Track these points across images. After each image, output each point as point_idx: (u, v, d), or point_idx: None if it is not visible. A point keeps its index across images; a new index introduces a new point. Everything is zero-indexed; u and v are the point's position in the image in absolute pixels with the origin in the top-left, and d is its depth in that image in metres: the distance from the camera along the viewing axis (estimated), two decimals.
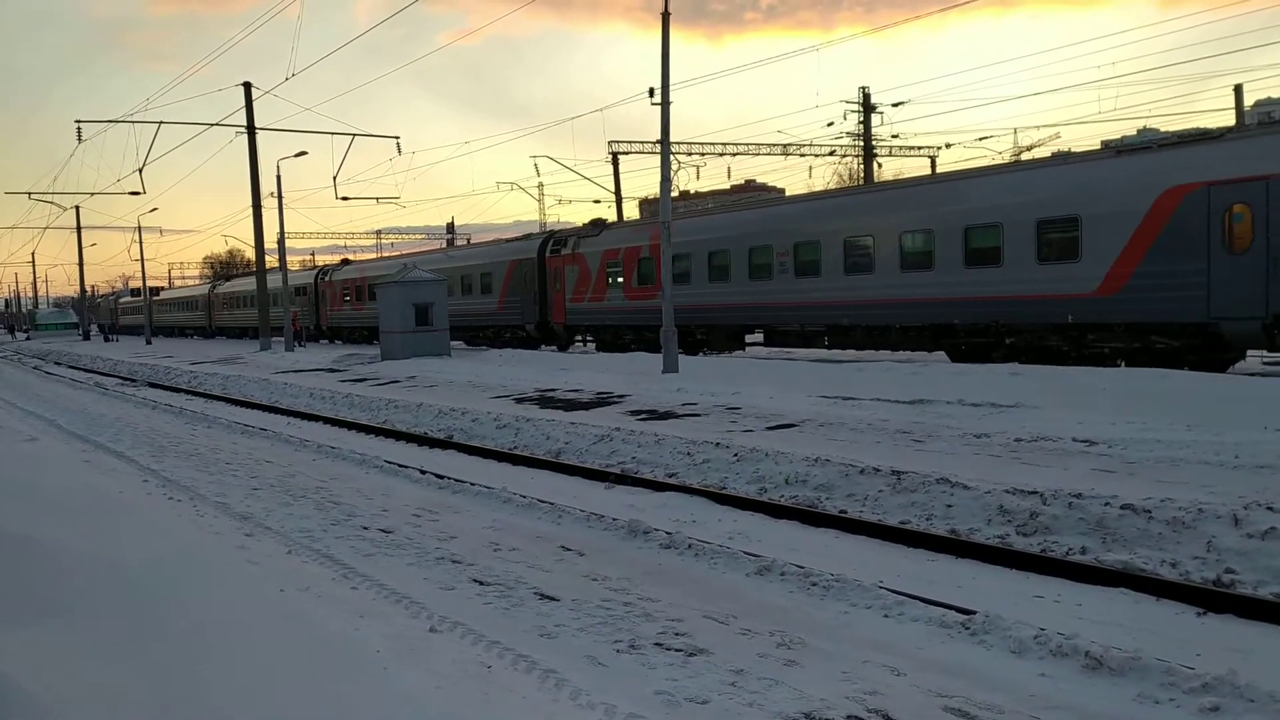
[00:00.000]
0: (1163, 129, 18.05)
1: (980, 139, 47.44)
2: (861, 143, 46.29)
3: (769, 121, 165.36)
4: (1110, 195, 16.65)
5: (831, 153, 49.09)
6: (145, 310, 65.18)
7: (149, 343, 55.94)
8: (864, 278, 21.02)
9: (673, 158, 23.06)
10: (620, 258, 28.70)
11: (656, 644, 5.31)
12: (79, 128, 36.62)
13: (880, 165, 48.75)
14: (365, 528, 8.41)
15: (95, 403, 22.41)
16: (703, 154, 48.65)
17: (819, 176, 56.95)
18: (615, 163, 47.31)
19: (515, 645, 5.16)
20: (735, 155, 49.92)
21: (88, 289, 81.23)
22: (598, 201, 53.65)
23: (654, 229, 27.94)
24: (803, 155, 49.83)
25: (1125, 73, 53.10)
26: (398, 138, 37.50)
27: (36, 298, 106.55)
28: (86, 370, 36.77)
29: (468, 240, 66.71)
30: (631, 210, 60.52)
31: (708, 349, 25.23)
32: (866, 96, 45.33)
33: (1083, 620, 5.43)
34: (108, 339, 69.11)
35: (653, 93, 19.60)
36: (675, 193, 26.78)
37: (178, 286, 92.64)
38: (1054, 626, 5.14)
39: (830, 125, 46.34)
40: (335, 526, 8.50)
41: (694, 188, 58.45)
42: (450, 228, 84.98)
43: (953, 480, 8.01)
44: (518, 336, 34.09)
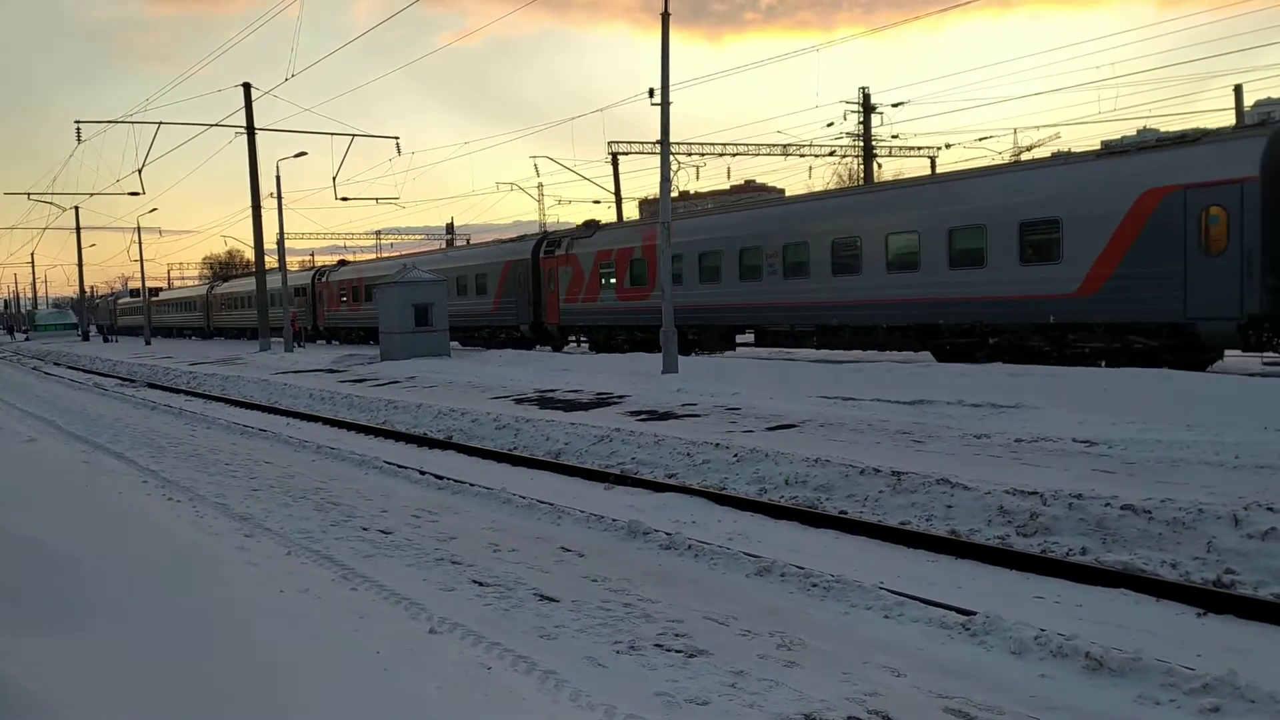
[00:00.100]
0: (1162, 129, 18.06)
1: (980, 139, 47.50)
2: (861, 143, 46.31)
3: (769, 122, 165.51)
4: (1090, 198, 16.85)
5: (831, 153, 49.12)
6: (144, 311, 65.19)
7: (148, 343, 55.95)
8: (851, 279, 21.22)
9: (672, 158, 23.07)
10: (613, 259, 28.79)
11: (656, 645, 5.31)
12: (78, 128, 36.67)
13: (880, 166, 48.82)
14: (365, 529, 8.41)
15: (94, 403, 22.41)
16: (703, 154, 48.68)
17: (819, 177, 57.05)
18: (615, 163, 47.36)
19: (515, 646, 5.15)
20: (735, 156, 49.92)
21: (87, 290, 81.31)
22: (597, 202, 53.73)
23: (645, 230, 28.39)
24: (803, 156, 49.84)
25: (1125, 73, 53.11)
26: (397, 138, 37.57)
27: (36, 298, 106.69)
28: (86, 371, 36.78)
29: (467, 241, 66.75)
30: (631, 210, 60.60)
31: (699, 349, 25.34)
32: (866, 97, 45.36)
33: (1083, 621, 5.43)
34: (107, 340, 69.11)
35: (652, 93, 19.61)
36: (675, 193, 26.85)
37: (176, 287, 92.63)
38: (1054, 627, 5.14)
39: (830, 125, 46.43)
40: (335, 527, 8.49)
41: (694, 188, 58.49)
42: (450, 228, 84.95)
43: (953, 481, 8.01)
44: (512, 337, 34.16)
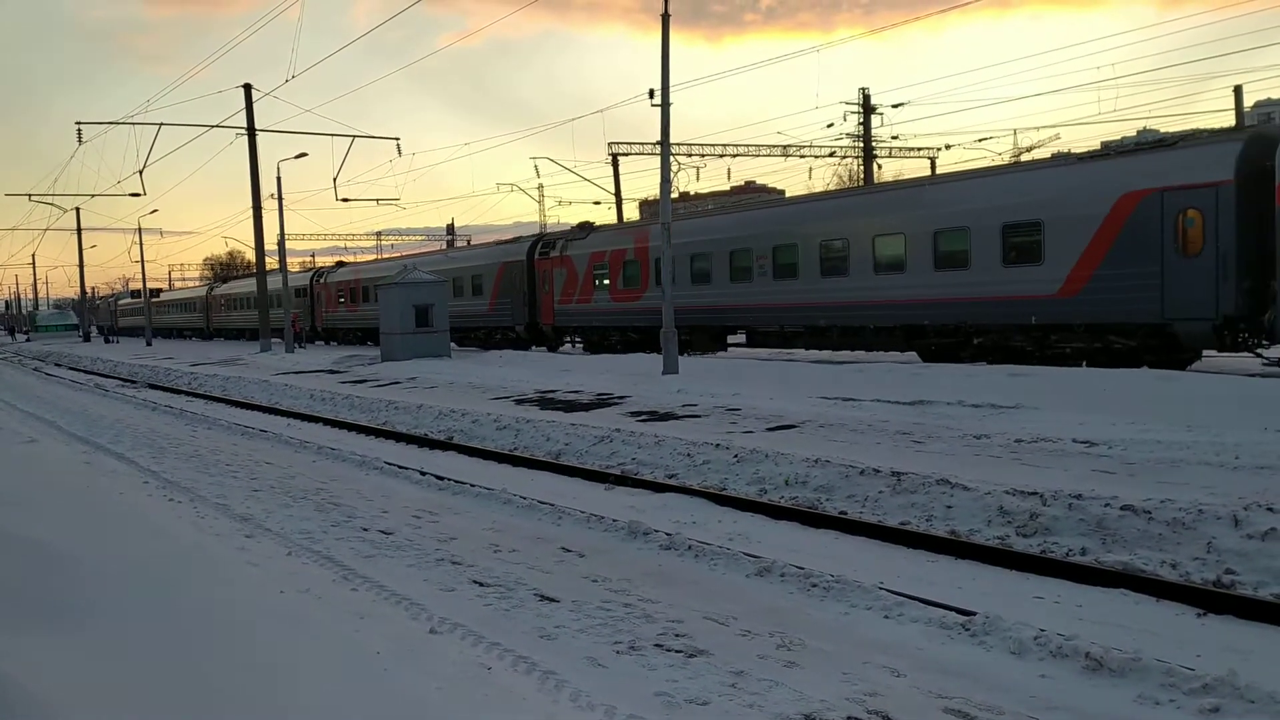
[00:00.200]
0: (1162, 130, 18.16)
1: (980, 140, 47.53)
2: (861, 144, 46.29)
3: (769, 123, 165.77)
4: (1071, 200, 17.14)
5: (831, 154, 49.08)
6: (145, 312, 65.22)
7: (149, 344, 55.94)
8: (839, 280, 21.52)
9: (673, 159, 23.10)
10: (606, 260, 28.98)
11: (656, 645, 5.31)
12: (79, 129, 36.75)
13: (880, 166, 48.77)
14: (365, 529, 8.41)
15: (95, 404, 22.41)
16: (703, 155, 48.65)
17: (819, 178, 57.01)
18: (615, 164, 47.34)
19: (515, 646, 5.16)
20: (735, 156, 49.89)
21: (88, 291, 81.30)
22: (598, 203, 53.55)
23: (637, 232, 28.80)
24: (803, 156, 49.82)
25: (1125, 74, 52.99)
26: (398, 139, 37.56)
27: (37, 299, 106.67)
28: (87, 372, 36.79)
29: (468, 241, 66.77)
30: (632, 211, 60.59)
31: (691, 349, 25.56)
32: (866, 98, 45.34)
33: (1083, 621, 5.43)
34: (108, 341, 69.12)
35: (653, 94, 19.68)
36: (675, 194, 26.84)
37: (177, 289, 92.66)
38: (1054, 627, 5.14)
39: (830, 126, 46.31)
40: (335, 528, 8.49)
41: (694, 189, 58.42)
42: (450, 229, 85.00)
43: (953, 481, 8.02)
44: (508, 338, 34.31)
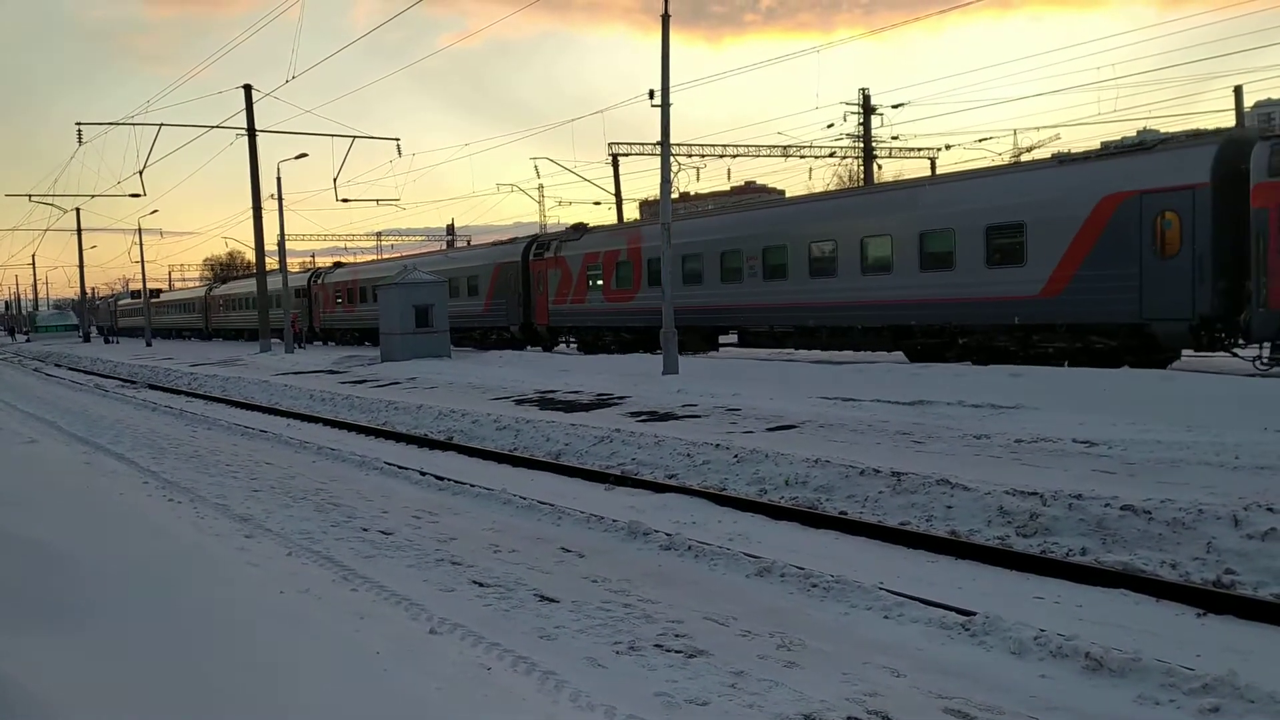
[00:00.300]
0: (1163, 130, 18.24)
1: (980, 140, 47.52)
2: (861, 144, 46.27)
3: (769, 123, 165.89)
4: (1052, 202, 17.44)
5: (832, 154, 49.06)
6: (145, 312, 65.22)
7: (149, 345, 55.94)
8: (828, 281, 21.79)
9: (673, 159, 23.11)
10: (600, 261, 29.20)
11: (656, 645, 5.31)
12: (79, 130, 36.78)
13: (880, 167, 48.74)
14: (365, 529, 8.41)
15: (95, 405, 22.41)
16: (703, 155, 48.66)
17: (819, 178, 57.00)
18: (615, 164, 47.33)
19: (515, 647, 5.16)
20: (735, 157, 49.91)
21: (88, 291, 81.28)
22: (598, 203, 53.52)
23: (630, 233, 29.11)
24: (803, 157, 49.81)
25: (1125, 74, 53.09)
26: (398, 140, 37.56)
27: (37, 300, 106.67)
28: (87, 372, 36.79)
29: (468, 242, 66.78)
30: (632, 211, 60.57)
31: (684, 349, 25.65)
32: (866, 98, 45.32)
33: (1083, 621, 5.43)
34: (108, 341, 69.11)
35: (653, 94, 19.63)
36: (675, 194, 26.84)
37: (176, 289, 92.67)
38: (1054, 627, 5.14)
39: (830, 127, 46.24)
40: (335, 528, 8.49)
41: (694, 189, 58.44)
42: (450, 229, 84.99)
43: (953, 481, 8.01)
44: (503, 338, 34.48)
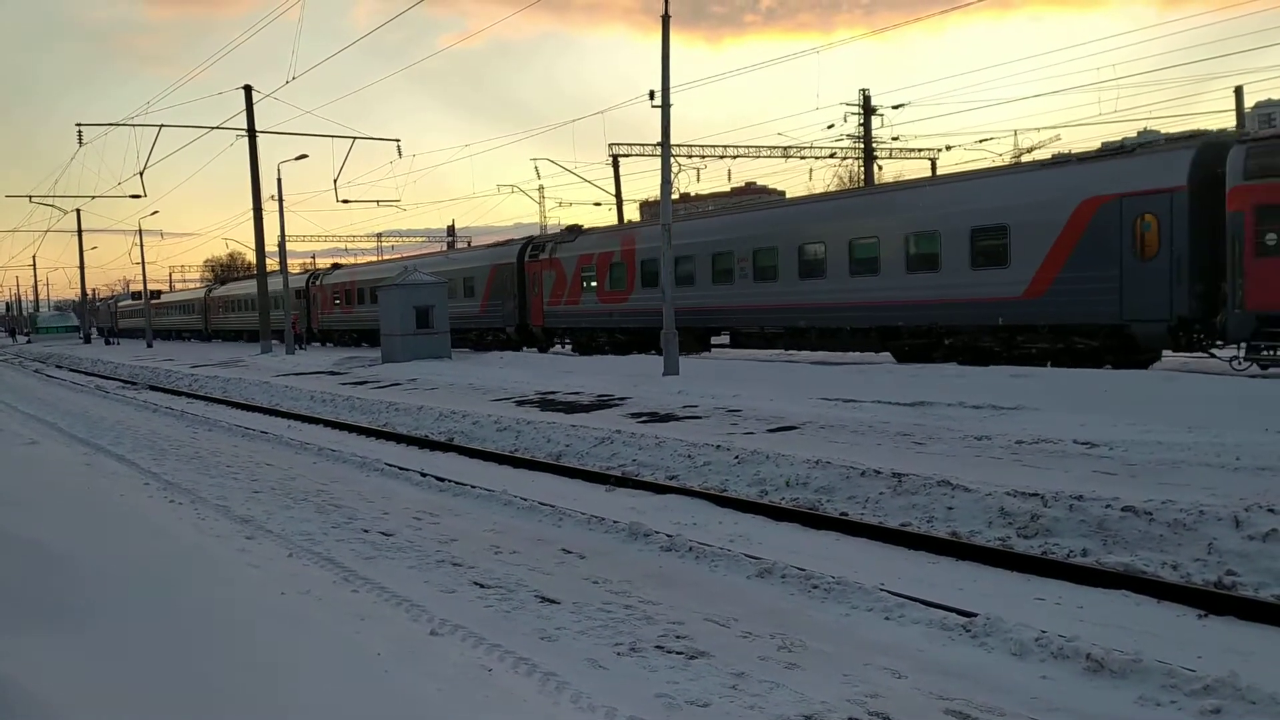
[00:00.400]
0: (1163, 130, 18.31)
1: (980, 141, 47.51)
2: (862, 145, 46.28)
3: (769, 124, 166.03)
4: (1035, 205, 17.74)
5: (832, 155, 49.06)
6: (145, 314, 65.24)
7: (150, 345, 55.94)
8: (817, 283, 22.07)
9: (673, 160, 23.11)
10: (594, 263, 29.39)
11: (657, 647, 5.31)
12: (80, 131, 36.72)
13: (881, 167, 48.73)
14: (366, 530, 8.41)
15: (96, 406, 22.42)
16: (703, 156, 48.70)
17: (819, 179, 56.95)
18: (615, 165, 47.34)
19: (516, 648, 5.16)
20: (736, 158, 49.95)
21: (89, 292, 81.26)
22: (598, 204, 53.57)
23: (624, 235, 29.37)
24: (803, 158, 49.82)
25: (1126, 74, 53.17)
26: (398, 141, 37.75)
27: (37, 301, 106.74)
28: (87, 374, 36.80)
29: (468, 243, 66.80)
30: (632, 212, 60.54)
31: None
32: (867, 99, 45.32)
33: (1084, 622, 5.43)
34: (108, 342, 69.11)
35: (653, 95, 19.60)
36: (676, 195, 26.85)
37: (177, 290, 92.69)
38: (1055, 629, 5.14)
39: (831, 128, 46.16)
40: (336, 529, 8.50)
41: (694, 190, 58.48)
42: (451, 230, 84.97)
43: (954, 482, 8.01)
44: (499, 339, 34.63)
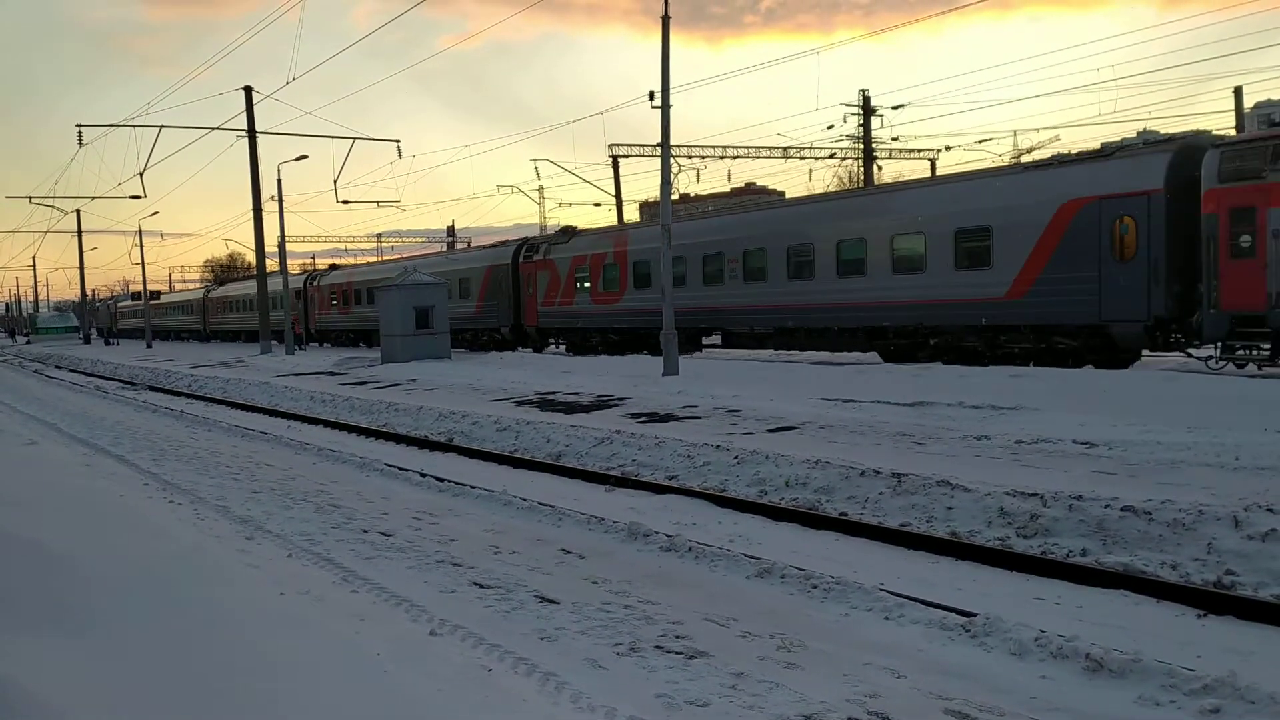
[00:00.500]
0: (1162, 131, 18.37)
1: (980, 141, 47.45)
2: (861, 145, 46.28)
3: (769, 124, 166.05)
4: (1017, 208, 18.06)
5: (832, 155, 49.06)
6: (145, 314, 65.22)
7: (149, 346, 55.91)
8: (805, 283, 22.39)
9: (673, 161, 23.13)
10: (587, 264, 29.59)
11: (657, 647, 5.31)
12: (80, 132, 36.73)
13: (880, 168, 48.75)
14: (365, 531, 8.41)
15: (95, 406, 22.42)
16: (703, 157, 48.73)
17: (819, 179, 56.81)
18: (615, 166, 47.37)
19: (515, 648, 5.16)
20: (736, 158, 50.00)
21: (88, 293, 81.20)
22: (598, 204, 53.61)
23: (617, 236, 29.68)
24: (803, 158, 49.84)
25: (1125, 75, 53.21)
26: (398, 141, 37.88)
27: (37, 301, 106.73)
28: (87, 374, 36.79)
29: (469, 244, 66.81)
30: (632, 213, 60.52)
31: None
32: (866, 99, 45.33)
33: (1083, 622, 5.43)
34: (108, 343, 69.05)
35: (653, 96, 19.61)
36: (676, 195, 26.88)
37: (177, 290, 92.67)
38: (1055, 628, 5.14)
39: (830, 128, 46.15)
40: (335, 530, 8.50)
41: (694, 190, 58.39)
42: (451, 231, 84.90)
43: (953, 482, 8.01)
44: (494, 339, 34.79)
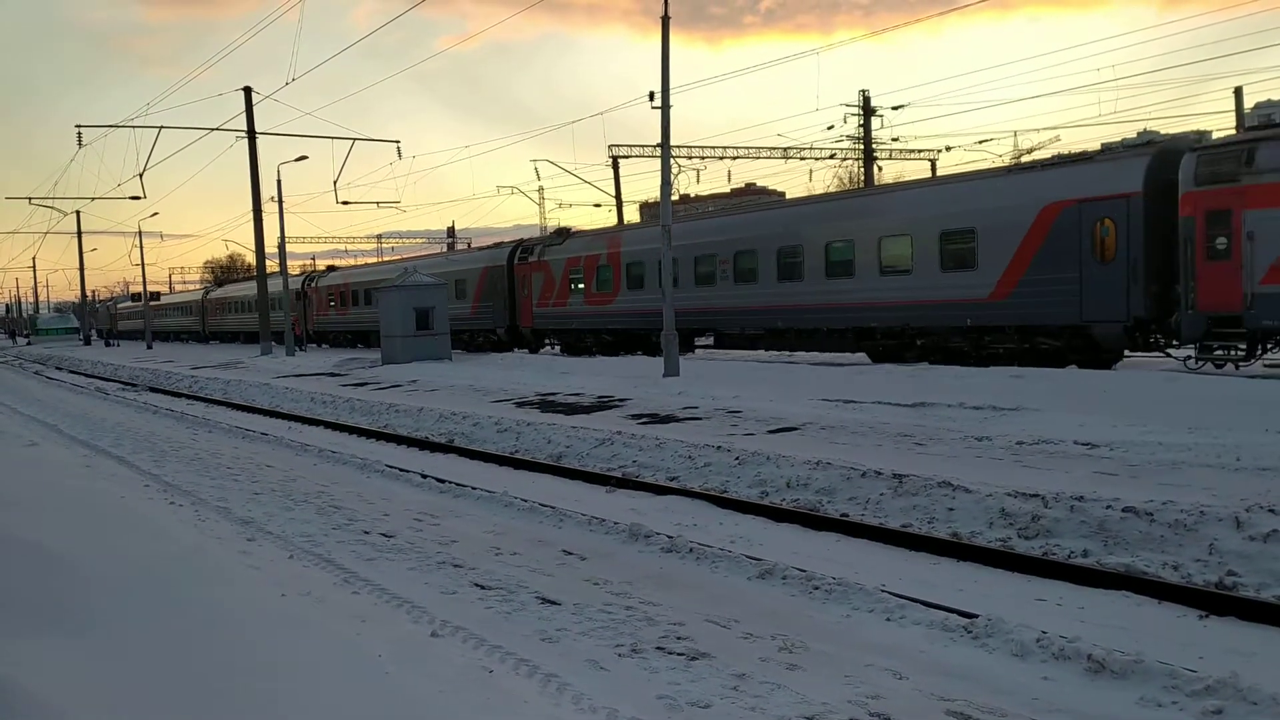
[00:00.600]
0: (1162, 131, 18.40)
1: (980, 142, 47.32)
2: (861, 146, 46.27)
3: (769, 125, 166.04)
4: (1001, 210, 18.30)
5: (832, 156, 49.03)
6: (145, 315, 65.22)
7: (149, 347, 55.91)
8: (795, 285, 22.67)
9: (673, 161, 23.16)
10: (581, 265, 29.77)
11: (658, 648, 5.30)
12: (79, 132, 36.66)
13: (880, 169, 48.70)
14: (366, 532, 8.41)
15: (96, 408, 22.41)
16: (703, 157, 48.73)
17: (819, 180, 56.76)
18: (615, 166, 47.38)
19: (517, 649, 5.16)
20: (736, 159, 50.01)
21: (88, 294, 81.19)
22: (598, 205, 53.56)
23: (610, 238, 29.95)
24: (803, 159, 49.80)
25: (1125, 75, 53.24)
26: (398, 142, 37.99)
27: (37, 303, 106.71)
28: (87, 375, 36.79)
29: (469, 244, 66.83)
30: (632, 213, 60.52)
31: (658, 351, 25.93)
32: (866, 100, 45.31)
33: (1085, 623, 5.43)
34: (108, 344, 69.06)
35: (653, 96, 19.61)
36: (676, 196, 26.91)
37: (177, 291, 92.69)
38: (1056, 629, 5.13)
39: (830, 129, 46.12)
40: (336, 531, 8.50)
41: (694, 191, 58.36)
42: (451, 231, 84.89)
43: (954, 483, 8.01)
44: (490, 340, 34.91)
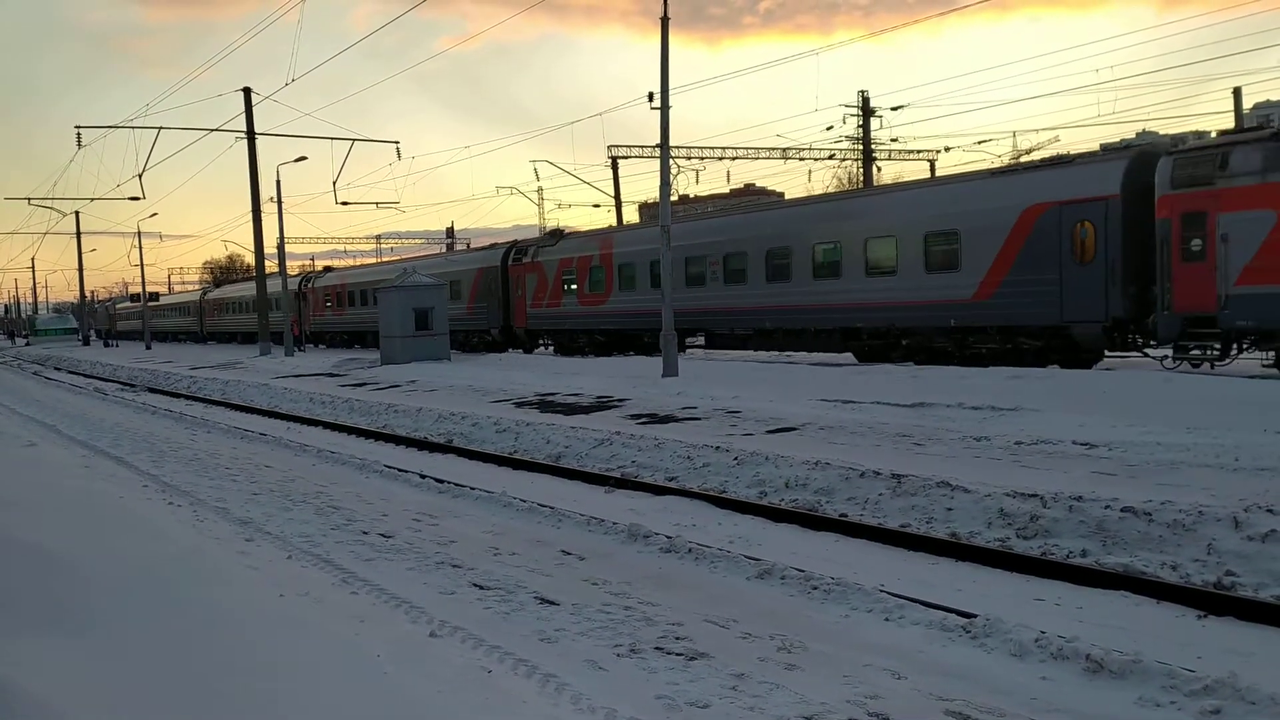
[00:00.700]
0: (1161, 132, 18.53)
1: (979, 142, 47.32)
2: (861, 146, 46.26)
3: (768, 125, 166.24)
4: (983, 212, 18.60)
5: (831, 156, 49.01)
6: (144, 316, 65.19)
7: (148, 348, 55.87)
8: (783, 286, 22.89)
9: (672, 162, 23.20)
10: (574, 266, 29.94)
11: (657, 648, 5.30)
12: (79, 133, 36.65)
13: (880, 169, 48.69)
14: (365, 532, 8.41)
15: (95, 408, 22.40)
16: (702, 158, 48.74)
17: (819, 180, 56.77)
18: (615, 167, 47.37)
19: (515, 650, 5.16)
20: (735, 159, 50.05)
21: (87, 294, 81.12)
22: (597, 206, 53.56)
23: (603, 239, 30.29)
24: (802, 159, 49.79)
25: (1124, 76, 53.31)
26: (397, 143, 37.88)
27: (36, 303, 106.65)
28: (86, 376, 36.77)
29: (468, 245, 66.82)
30: (631, 213, 60.50)
31: (657, 350, 26.04)
32: (865, 100, 45.30)
33: (1083, 623, 5.43)
34: (107, 344, 68.99)
35: (652, 97, 19.60)
36: (675, 197, 26.94)
37: (176, 292, 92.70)
38: (1055, 629, 5.14)
39: (829, 129, 46.10)
40: (335, 531, 8.50)
41: (694, 191, 58.36)
42: (450, 232, 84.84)
43: (953, 483, 8.01)
44: (484, 340, 35.01)
